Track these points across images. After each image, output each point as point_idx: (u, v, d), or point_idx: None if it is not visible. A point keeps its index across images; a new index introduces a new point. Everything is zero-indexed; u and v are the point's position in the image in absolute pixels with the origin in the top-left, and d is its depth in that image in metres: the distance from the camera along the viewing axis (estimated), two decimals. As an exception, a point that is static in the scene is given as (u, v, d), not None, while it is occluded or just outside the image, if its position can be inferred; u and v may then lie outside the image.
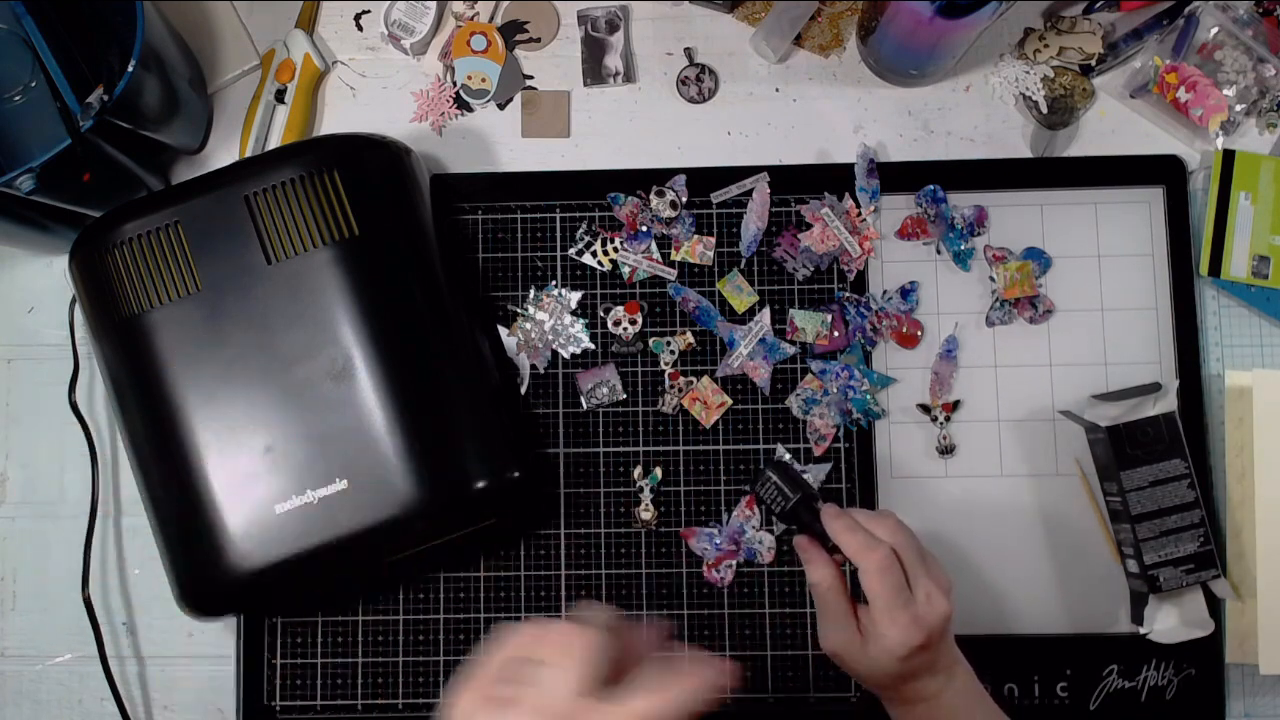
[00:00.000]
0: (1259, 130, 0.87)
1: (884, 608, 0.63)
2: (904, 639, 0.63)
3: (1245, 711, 0.81)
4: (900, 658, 0.64)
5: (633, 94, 0.89)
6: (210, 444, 0.73)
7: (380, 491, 0.72)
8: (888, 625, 0.63)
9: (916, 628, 0.63)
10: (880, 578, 0.64)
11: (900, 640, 0.63)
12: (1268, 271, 0.83)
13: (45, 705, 0.85)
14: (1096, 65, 0.86)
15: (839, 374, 0.83)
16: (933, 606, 0.64)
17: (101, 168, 0.78)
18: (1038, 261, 0.84)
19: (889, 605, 0.63)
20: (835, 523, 0.67)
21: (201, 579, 0.73)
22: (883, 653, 0.64)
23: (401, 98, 0.89)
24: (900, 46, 0.82)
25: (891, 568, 0.64)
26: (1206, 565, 0.78)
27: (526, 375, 0.85)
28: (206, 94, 0.89)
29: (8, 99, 0.83)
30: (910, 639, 0.63)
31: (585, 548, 0.83)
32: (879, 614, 0.64)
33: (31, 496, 0.86)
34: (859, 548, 0.65)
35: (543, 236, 0.86)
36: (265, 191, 0.75)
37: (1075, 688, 0.80)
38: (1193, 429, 0.81)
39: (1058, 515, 0.83)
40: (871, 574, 0.64)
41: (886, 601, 0.63)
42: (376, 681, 0.82)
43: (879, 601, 0.64)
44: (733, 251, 0.85)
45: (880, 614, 0.64)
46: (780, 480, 0.70)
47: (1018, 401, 0.84)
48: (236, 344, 0.74)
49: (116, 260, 0.75)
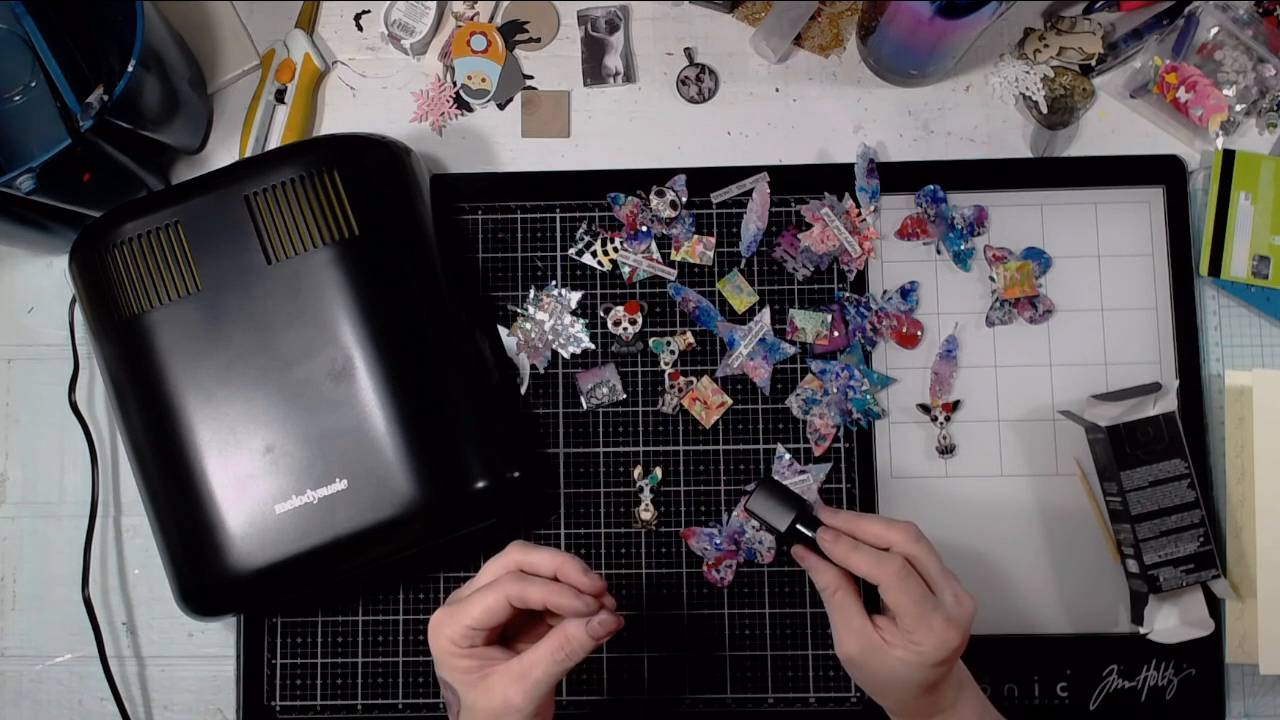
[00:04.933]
0: (1259, 130, 0.87)
1: (915, 616, 0.62)
2: (942, 642, 0.62)
3: (1245, 711, 0.81)
4: (938, 662, 0.62)
5: (633, 94, 0.89)
6: (210, 444, 0.73)
7: (380, 491, 0.72)
8: (924, 633, 0.62)
9: (953, 629, 0.62)
10: (903, 588, 0.62)
11: (939, 644, 0.62)
12: (1268, 271, 0.83)
13: (45, 705, 0.85)
14: (1096, 65, 0.86)
15: (839, 374, 0.83)
16: (962, 606, 0.63)
17: (101, 168, 0.78)
18: (1038, 261, 0.84)
19: (919, 612, 0.62)
20: (836, 547, 0.65)
21: (201, 579, 0.73)
22: (920, 659, 0.62)
23: (401, 98, 0.89)
24: (900, 46, 0.82)
25: (910, 575, 0.63)
26: (1206, 565, 0.78)
27: (526, 375, 0.85)
28: (206, 94, 0.89)
29: (8, 99, 0.83)
30: (948, 641, 0.62)
31: (585, 548, 0.83)
32: (912, 623, 0.62)
33: (31, 496, 0.86)
34: (871, 565, 0.63)
35: (543, 236, 0.86)
36: (265, 191, 0.75)
37: (1075, 688, 0.80)
38: (1193, 429, 0.81)
39: (1058, 515, 0.83)
40: (893, 587, 0.62)
41: (915, 609, 0.62)
42: (376, 681, 0.82)
43: (907, 610, 0.62)
44: (733, 251, 0.85)
45: (913, 623, 0.62)
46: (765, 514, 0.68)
47: (1018, 401, 0.84)
48: (236, 344, 0.74)
49: (116, 260, 0.75)
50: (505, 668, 0.61)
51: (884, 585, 0.63)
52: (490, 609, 0.60)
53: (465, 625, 0.60)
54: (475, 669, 0.61)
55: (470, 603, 0.61)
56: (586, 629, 0.60)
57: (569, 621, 0.61)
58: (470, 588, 0.62)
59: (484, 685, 0.61)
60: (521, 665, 0.60)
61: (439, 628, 0.61)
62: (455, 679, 0.62)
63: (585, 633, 0.60)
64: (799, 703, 0.81)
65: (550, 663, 0.60)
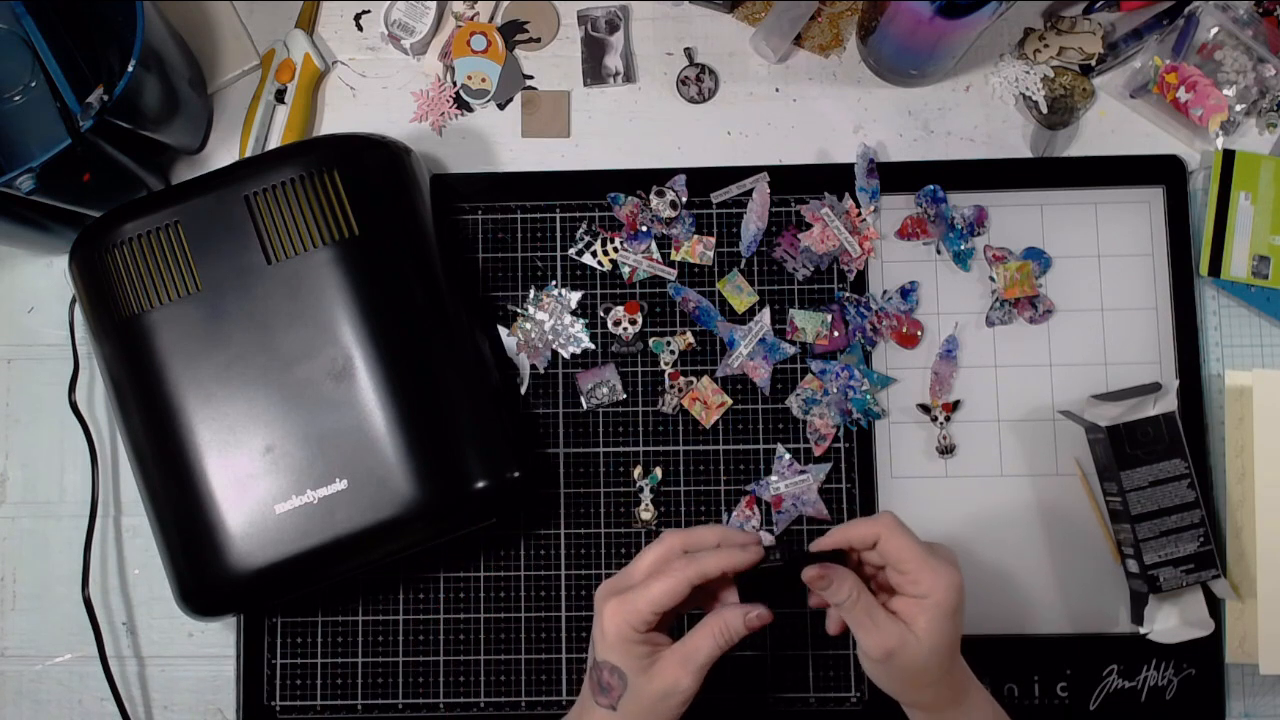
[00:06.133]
0: (1259, 130, 0.87)
1: (917, 560, 0.64)
2: (949, 580, 0.64)
3: (1245, 711, 0.81)
4: (953, 609, 0.64)
5: (633, 94, 0.89)
6: (210, 444, 0.73)
7: (380, 491, 0.72)
8: (930, 577, 0.64)
9: (951, 567, 0.65)
10: (901, 533, 0.65)
11: (947, 584, 0.64)
12: (1268, 271, 0.83)
13: (45, 705, 0.85)
14: (1096, 65, 0.86)
15: (839, 374, 0.83)
16: (945, 550, 0.66)
17: (101, 168, 0.78)
18: (1038, 261, 0.84)
19: (920, 557, 0.64)
20: (829, 539, 0.67)
21: (201, 579, 0.73)
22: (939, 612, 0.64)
23: (401, 98, 0.89)
24: (900, 46, 0.82)
25: (903, 525, 0.65)
26: (1206, 565, 0.78)
27: (526, 375, 0.85)
28: (206, 94, 0.89)
29: (8, 99, 0.83)
30: (953, 579, 0.64)
31: (585, 548, 0.83)
32: (916, 568, 0.64)
33: (31, 496, 0.86)
34: (867, 525, 0.66)
35: (543, 236, 0.86)
36: (265, 191, 0.75)
37: (1075, 688, 0.80)
38: (1193, 429, 0.81)
39: (1058, 515, 0.83)
40: (892, 535, 0.65)
41: (915, 554, 0.64)
42: (376, 681, 0.82)
43: (909, 555, 0.64)
44: (733, 251, 0.85)
45: (917, 569, 0.64)
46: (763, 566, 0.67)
47: (1018, 401, 0.84)
48: (236, 344, 0.74)
49: (116, 260, 0.75)
50: (670, 652, 0.64)
51: (883, 536, 0.65)
52: (670, 591, 0.63)
53: (646, 608, 0.63)
54: (646, 654, 0.64)
55: (648, 587, 0.64)
56: (744, 619, 0.65)
57: (727, 609, 0.65)
58: (633, 575, 0.66)
59: (653, 670, 0.64)
60: (685, 649, 0.64)
61: (617, 614, 0.64)
62: (627, 664, 0.64)
63: (742, 622, 0.65)
64: (799, 703, 0.81)
65: (712, 646, 0.64)
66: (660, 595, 0.63)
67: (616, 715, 0.66)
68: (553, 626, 0.83)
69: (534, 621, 0.83)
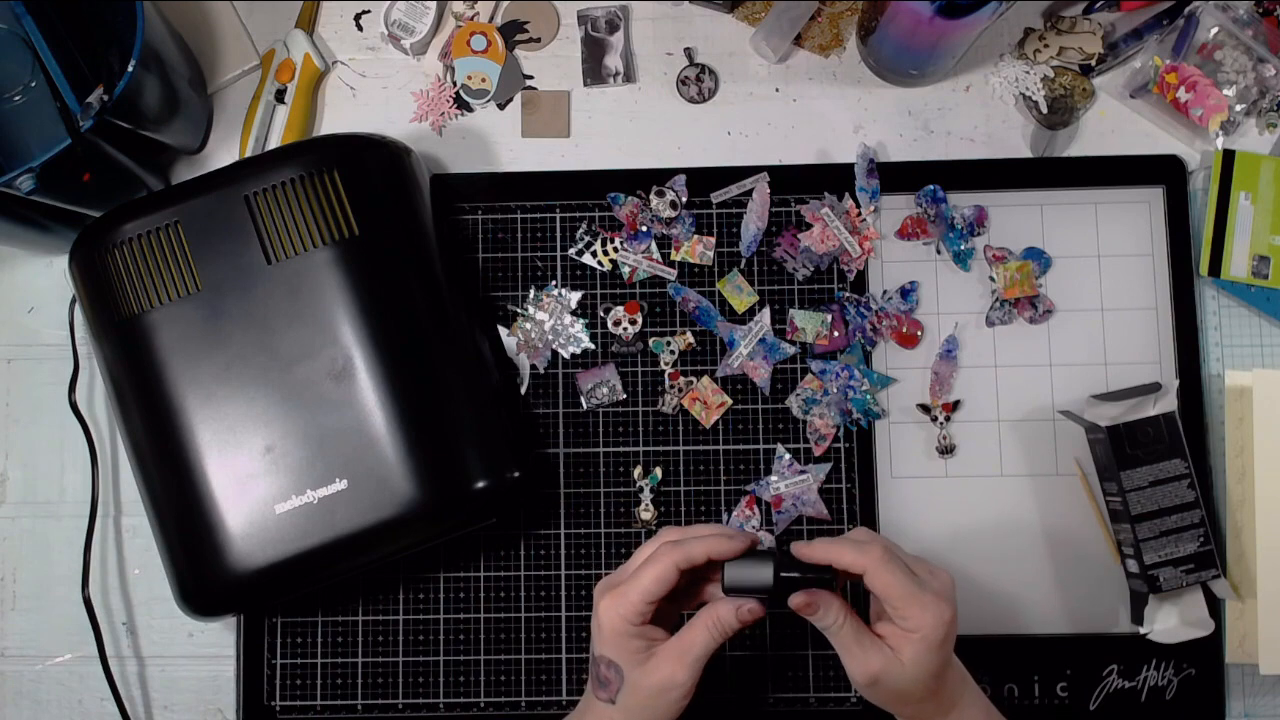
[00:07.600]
0: (1259, 130, 0.87)
1: (904, 595, 0.63)
2: (937, 617, 0.63)
3: (1245, 711, 0.81)
4: (939, 642, 0.63)
5: (633, 94, 0.89)
6: (210, 444, 0.73)
7: (380, 491, 0.72)
8: (917, 612, 0.63)
9: (941, 601, 0.63)
10: (888, 569, 0.63)
11: (935, 620, 0.63)
12: (1268, 271, 0.83)
13: (45, 705, 0.85)
14: (1096, 65, 0.86)
15: (839, 374, 0.83)
16: (939, 578, 0.65)
17: (101, 168, 0.78)
18: (1038, 261, 0.84)
19: (908, 592, 0.63)
20: (815, 551, 0.65)
21: (201, 579, 0.73)
22: (924, 643, 0.63)
23: (401, 98, 0.89)
24: (900, 46, 0.82)
25: (892, 559, 0.64)
26: (1206, 565, 0.78)
27: (526, 375, 0.85)
28: (206, 94, 0.89)
29: (8, 99, 0.83)
30: (942, 614, 0.63)
31: (585, 548, 0.83)
32: (903, 605, 0.63)
33: (31, 496, 0.86)
34: (855, 553, 0.64)
35: (543, 236, 0.86)
36: (265, 191, 0.75)
37: (1075, 688, 0.80)
38: (1193, 429, 0.81)
39: (1058, 515, 0.83)
40: (879, 570, 0.63)
41: (902, 589, 0.63)
42: (376, 681, 0.82)
43: (896, 591, 0.63)
44: (733, 251, 0.85)
45: (904, 604, 0.63)
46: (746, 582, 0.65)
47: (1018, 401, 0.84)
48: (236, 344, 0.74)
49: (116, 260, 0.75)
50: (666, 647, 0.65)
51: (870, 571, 0.63)
52: (659, 578, 0.64)
53: (638, 599, 0.64)
54: (642, 648, 0.65)
55: (639, 576, 0.64)
56: (736, 612, 0.65)
57: (720, 603, 0.65)
58: (628, 570, 0.66)
59: (649, 664, 0.65)
60: (681, 644, 0.65)
61: (611, 608, 0.65)
62: (624, 658, 0.65)
63: (735, 615, 0.65)
64: (799, 703, 0.81)
65: (707, 639, 0.64)
66: (649, 583, 0.64)
67: (616, 709, 0.66)
68: (553, 627, 0.83)
69: (534, 621, 0.83)
